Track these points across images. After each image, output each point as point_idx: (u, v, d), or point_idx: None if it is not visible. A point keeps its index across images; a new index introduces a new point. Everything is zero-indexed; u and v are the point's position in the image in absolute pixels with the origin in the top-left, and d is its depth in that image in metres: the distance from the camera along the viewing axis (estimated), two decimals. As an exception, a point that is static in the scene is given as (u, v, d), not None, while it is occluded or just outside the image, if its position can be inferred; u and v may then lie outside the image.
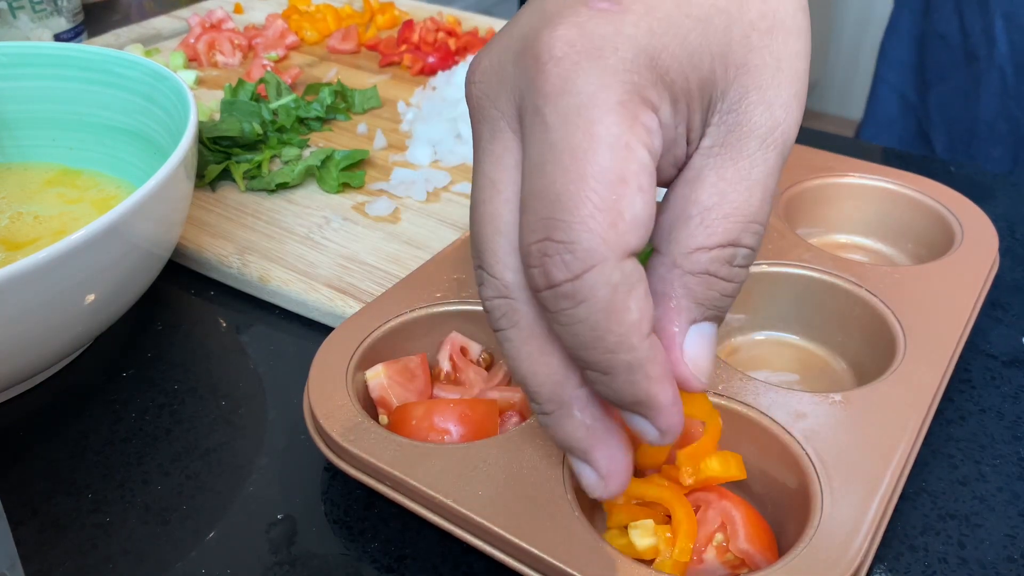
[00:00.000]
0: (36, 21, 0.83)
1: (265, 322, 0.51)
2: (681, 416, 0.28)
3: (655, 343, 0.27)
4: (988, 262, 0.47)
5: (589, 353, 0.27)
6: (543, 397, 0.29)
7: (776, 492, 0.36)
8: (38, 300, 0.37)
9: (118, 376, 0.46)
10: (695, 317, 0.28)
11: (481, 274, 0.29)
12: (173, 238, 0.48)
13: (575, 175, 0.25)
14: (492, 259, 0.28)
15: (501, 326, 0.29)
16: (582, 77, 0.26)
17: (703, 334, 0.29)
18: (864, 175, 0.53)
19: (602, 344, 0.26)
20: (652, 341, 0.27)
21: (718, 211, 0.27)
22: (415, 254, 0.54)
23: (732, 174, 0.28)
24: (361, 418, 0.37)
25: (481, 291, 0.29)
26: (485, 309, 0.29)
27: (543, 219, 0.26)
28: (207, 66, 0.80)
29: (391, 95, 0.75)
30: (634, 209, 0.25)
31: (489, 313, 0.29)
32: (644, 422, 0.28)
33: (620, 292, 0.26)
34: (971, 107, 0.79)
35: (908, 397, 0.38)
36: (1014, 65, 0.74)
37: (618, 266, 0.25)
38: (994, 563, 0.36)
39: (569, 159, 0.26)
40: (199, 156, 0.61)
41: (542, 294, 0.26)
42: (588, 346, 0.26)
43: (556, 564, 0.31)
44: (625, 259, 0.26)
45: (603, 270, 0.25)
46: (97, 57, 0.55)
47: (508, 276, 0.28)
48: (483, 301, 0.29)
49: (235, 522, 0.39)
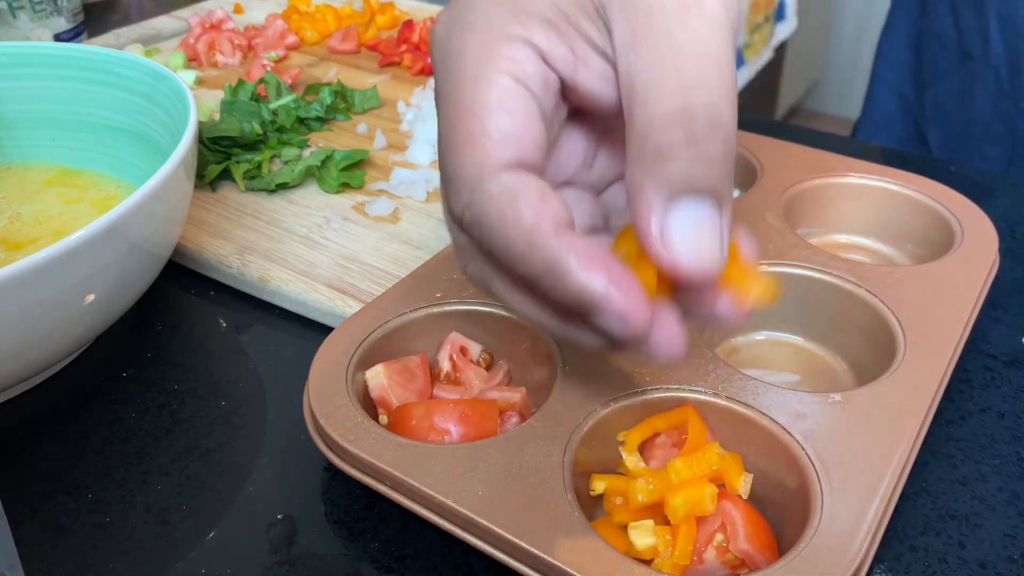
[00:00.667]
0: (36, 21, 0.83)
1: (265, 322, 0.51)
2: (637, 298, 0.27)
3: (575, 241, 0.27)
4: (988, 262, 0.47)
5: (518, 269, 0.28)
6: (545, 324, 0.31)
7: (776, 492, 0.36)
8: (38, 300, 0.37)
9: (118, 376, 0.46)
10: (665, 199, 0.28)
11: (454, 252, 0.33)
12: (173, 238, 0.48)
13: (448, 120, 0.29)
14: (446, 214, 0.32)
15: (485, 289, 0.32)
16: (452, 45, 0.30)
17: (683, 215, 0.28)
18: (864, 175, 0.53)
19: (515, 255, 0.28)
20: (568, 239, 0.27)
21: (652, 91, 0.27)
22: (415, 254, 0.54)
23: (651, 55, 0.27)
24: (361, 418, 0.37)
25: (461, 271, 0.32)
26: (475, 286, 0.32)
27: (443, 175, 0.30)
28: (207, 66, 0.80)
29: (391, 95, 0.75)
30: (499, 127, 0.28)
31: (477, 287, 0.32)
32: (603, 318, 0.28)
33: (505, 202, 0.27)
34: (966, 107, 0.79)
35: (908, 397, 0.38)
36: (1008, 65, 0.74)
37: (495, 180, 0.28)
38: (994, 563, 0.36)
39: (444, 110, 0.29)
40: (199, 156, 0.61)
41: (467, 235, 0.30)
42: (512, 262, 0.28)
43: (556, 564, 0.31)
44: (501, 173, 0.28)
45: (482, 188, 0.28)
46: (97, 57, 0.55)
47: (462, 240, 0.31)
48: (466, 278, 0.32)
49: (235, 522, 0.39)
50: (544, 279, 0.28)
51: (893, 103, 0.89)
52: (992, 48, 0.74)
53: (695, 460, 0.35)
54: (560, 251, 0.27)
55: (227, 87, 0.70)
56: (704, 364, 0.40)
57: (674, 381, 0.39)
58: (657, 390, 0.38)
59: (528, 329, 0.42)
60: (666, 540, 0.34)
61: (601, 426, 0.37)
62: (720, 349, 0.46)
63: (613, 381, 0.38)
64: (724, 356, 0.45)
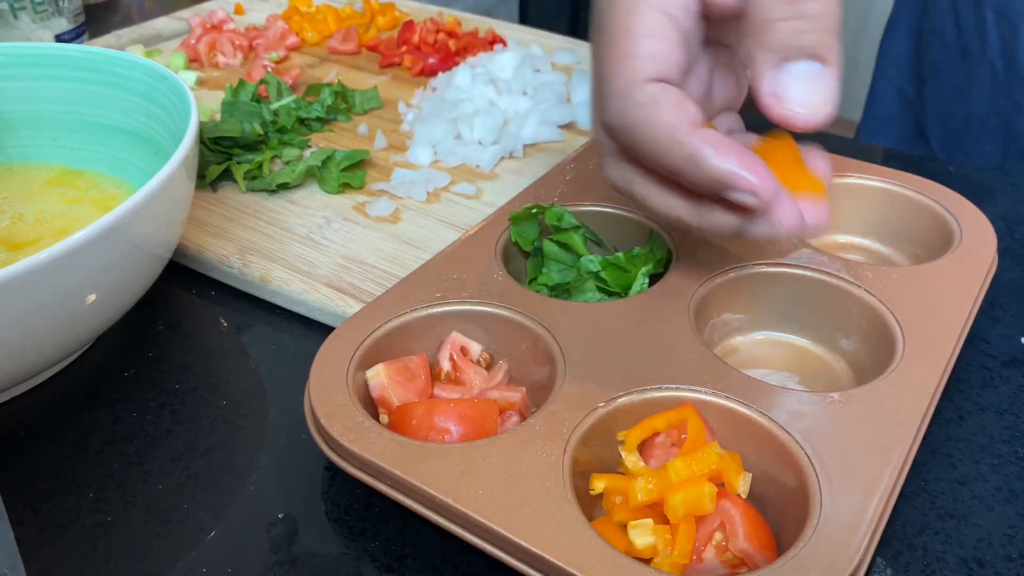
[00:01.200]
0: (37, 22, 0.83)
1: (266, 322, 0.51)
2: (764, 176, 0.33)
3: (709, 134, 0.33)
4: (987, 262, 0.47)
5: (662, 163, 0.34)
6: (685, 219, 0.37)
7: (775, 491, 0.36)
8: (39, 300, 0.37)
9: (119, 376, 0.47)
10: (776, 61, 0.33)
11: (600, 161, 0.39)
12: (174, 238, 0.48)
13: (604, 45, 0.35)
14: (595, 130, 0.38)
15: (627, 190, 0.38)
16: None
17: (795, 74, 0.33)
18: (863, 175, 0.53)
19: (660, 149, 0.33)
20: (703, 133, 0.33)
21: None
22: (415, 254, 0.54)
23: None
24: (362, 417, 0.37)
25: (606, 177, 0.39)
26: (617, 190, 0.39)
27: (596, 90, 0.36)
28: (208, 67, 0.81)
29: (391, 96, 0.75)
30: (646, 48, 0.34)
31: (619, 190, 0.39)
32: (737, 194, 0.33)
33: (648, 107, 0.33)
34: (964, 102, 0.79)
35: (907, 397, 0.38)
36: (1005, 60, 0.74)
37: (641, 91, 0.33)
38: (993, 562, 0.37)
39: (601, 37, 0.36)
40: (200, 156, 0.61)
41: (616, 141, 0.36)
42: (657, 157, 0.34)
43: (555, 563, 0.31)
44: (647, 84, 0.34)
45: (630, 97, 0.34)
46: (98, 58, 0.55)
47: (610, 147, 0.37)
48: (610, 183, 0.39)
49: (235, 521, 0.39)
50: (685, 168, 0.33)
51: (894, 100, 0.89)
52: (989, 43, 0.75)
53: (694, 459, 0.35)
54: (697, 142, 0.33)
55: (228, 88, 0.70)
56: (704, 364, 0.40)
57: (674, 381, 0.39)
58: (657, 390, 0.38)
59: (528, 329, 0.42)
60: (665, 539, 0.34)
61: (601, 426, 0.37)
62: (720, 349, 0.46)
63: (613, 381, 0.39)
64: (724, 356, 0.45)
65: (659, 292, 0.44)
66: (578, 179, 0.53)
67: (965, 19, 0.76)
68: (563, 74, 0.76)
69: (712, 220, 0.36)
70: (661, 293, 0.44)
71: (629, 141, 0.35)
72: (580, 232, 0.49)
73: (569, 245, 0.49)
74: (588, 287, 0.47)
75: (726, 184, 0.33)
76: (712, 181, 0.33)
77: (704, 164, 0.33)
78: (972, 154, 0.80)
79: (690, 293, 0.44)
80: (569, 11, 2.48)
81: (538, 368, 0.42)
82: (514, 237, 0.49)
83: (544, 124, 0.68)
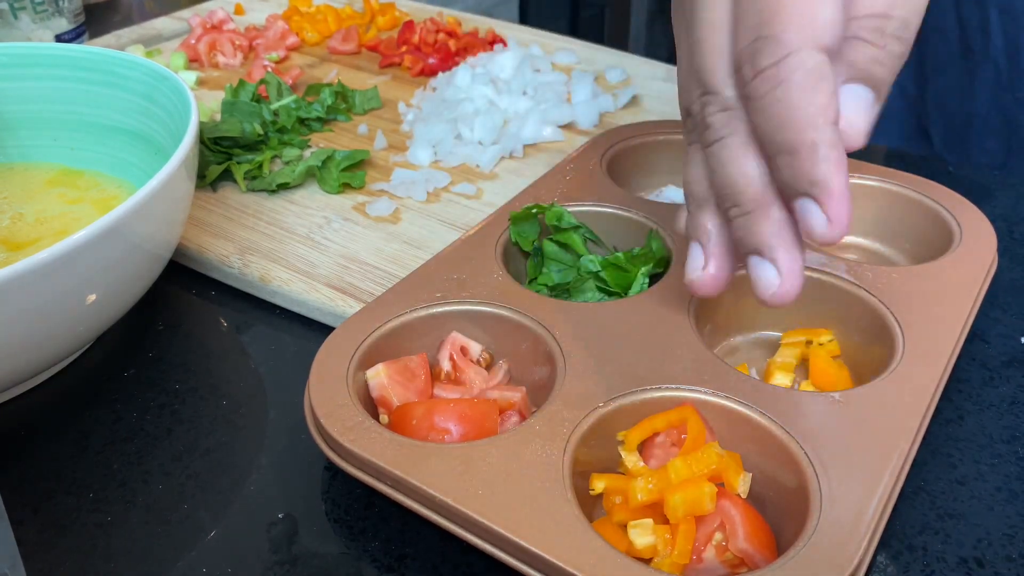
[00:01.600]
0: (37, 22, 0.83)
1: (266, 322, 0.51)
2: (849, 211, 0.32)
3: (838, 134, 0.32)
4: (986, 262, 0.47)
5: (783, 134, 0.32)
6: (748, 196, 0.34)
7: (775, 491, 0.36)
8: (39, 300, 0.37)
9: (119, 376, 0.47)
10: (845, 77, 0.33)
11: (706, 98, 0.35)
12: (174, 238, 0.48)
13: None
14: (716, 80, 0.34)
15: (722, 134, 0.34)
16: None
17: (853, 93, 0.33)
18: (863, 175, 0.53)
19: (794, 121, 0.31)
20: (836, 130, 0.32)
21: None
22: (415, 254, 0.54)
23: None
24: (362, 417, 0.37)
25: (706, 111, 0.35)
26: (706, 125, 0.35)
27: (754, 26, 0.32)
28: (208, 67, 0.81)
29: (391, 96, 0.75)
30: (825, 13, 0.31)
31: (710, 127, 0.35)
32: (815, 209, 0.32)
33: (812, 77, 0.31)
34: (966, 100, 0.79)
35: (907, 397, 0.38)
36: (1008, 57, 0.74)
37: (812, 55, 0.31)
38: (992, 562, 0.37)
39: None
40: (200, 156, 0.61)
41: (751, 84, 0.32)
42: (783, 126, 0.32)
43: (555, 563, 0.31)
44: (819, 50, 0.31)
45: (800, 55, 0.31)
46: (98, 58, 0.55)
47: (727, 92, 0.34)
48: (706, 118, 0.35)
49: (236, 521, 0.39)
50: (801, 152, 0.31)
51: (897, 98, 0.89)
52: (992, 41, 0.75)
53: (694, 459, 0.35)
54: (828, 140, 0.31)
55: (228, 88, 0.70)
56: (704, 364, 0.40)
57: (673, 381, 0.39)
58: (656, 390, 0.38)
59: (528, 329, 0.42)
60: (665, 539, 0.34)
61: (601, 426, 0.37)
62: (720, 349, 0.46)
63: (613, 381, 0.39)
64: (724, 356, 0.45)
65: (659, 292, 0.44)
66: (578, 179, 0.53)
67: (968, 17, 0.76)
68: (563, 74, 0.76)
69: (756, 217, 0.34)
70: (661, 293, 0.44)
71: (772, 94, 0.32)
72: (580, 232, 0.49)
73: (569, 245, 0.49)
74: (588, 287, 0.47)
75: (818, 192, 0.32)
76: (809, 180, 0.32)
77: (818, 163, 0.31)
78: (975, 152, 0.80)
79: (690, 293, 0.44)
80: (569, 11, 2.48)
81: (538, 368, 0.42)
82: (514, 237, 0.49)
83: (544, 124, 0.68)
